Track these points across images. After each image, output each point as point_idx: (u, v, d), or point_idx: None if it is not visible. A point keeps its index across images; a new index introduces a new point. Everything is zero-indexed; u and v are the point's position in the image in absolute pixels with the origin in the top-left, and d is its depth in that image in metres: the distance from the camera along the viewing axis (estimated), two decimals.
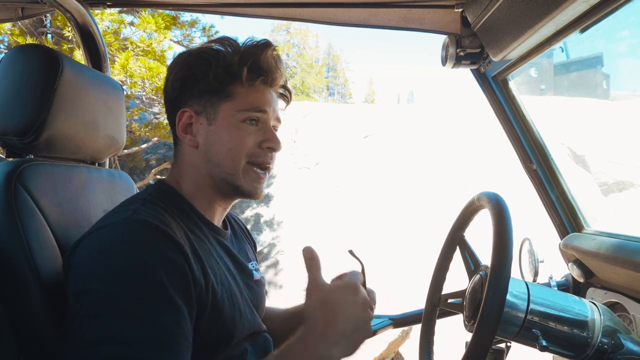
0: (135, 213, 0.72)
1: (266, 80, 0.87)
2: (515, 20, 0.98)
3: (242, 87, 0.85)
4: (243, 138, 0.84)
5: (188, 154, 0.88)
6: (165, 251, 0.69)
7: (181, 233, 0.75)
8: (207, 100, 0.85)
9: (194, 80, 0.85)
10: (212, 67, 0.83)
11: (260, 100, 0.86)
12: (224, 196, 0.90)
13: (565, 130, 8.34)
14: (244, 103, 0.84)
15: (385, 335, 3.67)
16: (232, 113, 0.84)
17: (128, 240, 0.69)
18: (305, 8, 1.29)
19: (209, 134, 0.85)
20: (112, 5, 1.32)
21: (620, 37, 4.51)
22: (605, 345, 0.90)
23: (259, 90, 0.86)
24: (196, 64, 0.85)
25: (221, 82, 0.84)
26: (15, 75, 0.87)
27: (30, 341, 0.75)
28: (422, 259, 5.31)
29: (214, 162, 0.85)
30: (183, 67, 0.86)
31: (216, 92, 0.84)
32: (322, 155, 8.62)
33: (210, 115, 0.85)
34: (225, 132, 0.84)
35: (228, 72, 0.84)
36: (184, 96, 0.86)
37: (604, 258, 1.13)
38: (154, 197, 0.81)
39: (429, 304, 1.15)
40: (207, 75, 0.83)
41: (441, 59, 1.31)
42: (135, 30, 4.95)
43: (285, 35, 33.55)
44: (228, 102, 0.84)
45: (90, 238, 0.72)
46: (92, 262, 0.68)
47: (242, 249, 1.02)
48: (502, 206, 0.86)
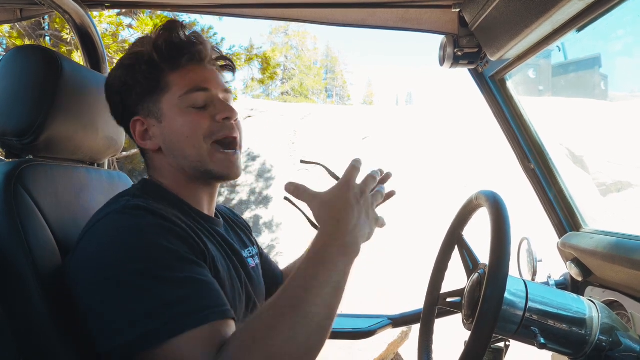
0: (129, 202, 0.74)
1: (192, 57, 0.85)
2: (512, 19, 0.99)
3: (172, 74, 0.84)
4: (195, 122, 0.82)
5: (156, 158, 0.88)
6: (168, 226, 0.71)
7: (177, 218, 0.76)
8: (148, 100, 0.84)
9: (128, 89, 0.85)
10: (137, 68, 0.83)
11: (196, 80, 0.84)
12: (203, 183, 0.89)
13: (564, 131, 8.36)
14: (181, 88, 0.83)
15: (384, 336, 3.67)
16: (174, 102, 0.83)
17: (133, 220, 0.70)
18: (303, 9, 1.30)
19: (163, 132, 0.84)
20: (110, 7, 1.32)
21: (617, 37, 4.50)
22: (604, 342, 0.90)
23: (191, 70, 0.84)
24: (123, 74, 0.84)
25: (150, 78, 0.83)
26: (14, 77, 0.87)
27: (30, 341, 0.75)
28: (421, 258, 5.31)
29: (179, 156, 0.84)
30: (114, 83, 0.86)
31: (150, 89, 0.84)
32: (320, 156, 8.62)
33: (157, 114, 0.84)
34: (175, 122, 0.83)
35: (151, 65, 0.83)
36: (128, 107, 0.86)
37: (601, 256, 1.13)
38: (142, 192, 0.83)
39: (427, 303, 1.16)
40: (136, 78, 0.83)
41: (439, 59, 1.32)
42: (134, 33, 4.95)
43: (283, 37, 33.59)
44: (167, 94, 0.83)
45: (94, 231, 0.72)
46: (106, 248, 0.69)
47: (237, 237, 1.02)
48: (500, 205, 0.87)
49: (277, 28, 33.08)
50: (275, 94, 31.89)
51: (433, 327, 1.14)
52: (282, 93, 32.03)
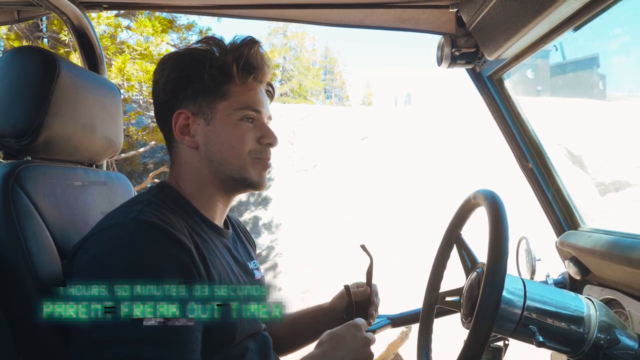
0: (140, 214, 0.73)
1: (257, 77, 0.88)
2: (510, 19, 0.99)
3: (235, 86, 0.86)
4: (243, 135, 0.86)
5: (187, 155, 0.88)
6: (171, 251, 0.70)
7: (185, 233, 0.76)
8: (203, 100, 0.85)
9: (188, 81, 0.84)
10: (206, 67, 0.83)
11: (254, 99, 0.87)
12: (226, 192, 0.91)
13: (562, 131, 8.38)
14: (240, 102, 0.86)
15: (384, 336, 3.67)
16: (228, 112, 0.85)
17: (136, 240, 0.69)
18: (301, 9, 1.30)
19: (208, 134, 0.85)
20: (108, 8, 1.32)
21: (614, 36, 4.51)
22: (602, 340, 0.90)
23: (252, 89, 0.87)
24: (189, 65, 0.85)
25: (216, 81, 0.84)
26: (12, 78, 0.87)
27: (29, 342, 0.75)
28: (420, 258, 5.31)
29: (216, 161, 0.86)
30: (174, 68, 0.85)
31: (211, 92, 0.85)
32: (319, 157, 8.63)
33: (208, 116, 0.85)
34: (224, 131, 0.85)
35: (222, 71, 0.84)
36: (178, 98, 0.86)
37: (599, 255, 1.13)
38: (158, 199, 0.82)
39: (426, 302, 1.16)
40: (202, 76, 0.83)
41: (437, 59, 1.32)
42: (132, 34, 4.95)
43: (282, 38, 33.60)
44: (224, 102, 0.85)
45: (96, 238, 0.72)
46: (99, 261, 0.69)
47: (243, 249, 1.02)
48: (498, 203, 0.87)
49: (276, 29, 33.09)
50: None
51: (432, 326, 1.14)
52: (281, 94, 32.04)
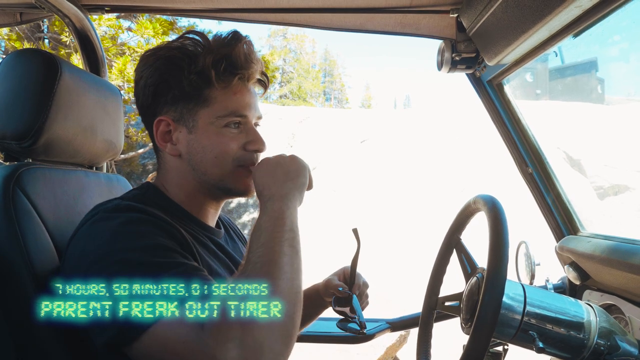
0: (121, 203, 0.74)
1: (243, 77, 0.82)
2: (510, 25, 0.99)
3: (217, 90, 0.80)
4: (227, 144, 0.82)
5: (171, 162, 0.85)
6: (163, 225, 0.71)
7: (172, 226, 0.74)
8: (184, 107, 0.81)
9: (166, 87, 0.80)
10: (185, 73, 0.79)
11: (239, 104, 0.82)
12: (214, 198, 0.89)
13: (561, 135, 8.39)
14: (223, 108, 0.81)
15: (382, 340, 3.66)
16: (211, 120, 0.81)
17: (121, 218, 0.69)
18: (302, 13, 1.31)
19: (190, 143, 0.82)
20: (110, 11, 1.32)
21: (613, 41, 4.52)
22: (602, 346, 0.90)
23: (237, 92, 0.82)
24: (167, 70, 0.80)
25: (196, 87, 0.79)
26: (13, 80, 0.87)
27: (28, 342, 0.75)
28: (420, 262, 5.31)
29: (200, 170, 0.83)
30: (153, 72, 0.81)
31: (192, 98, 0.80)
32: (319, 160, 8.63)
33: (190, 124, 0.81)
34: (207, 139, 0.81)
35: (202, 76, 0.79)
36: (158, 103, 0.82)
37: (599, 260, 1.13)
38: (143, 197, 0.82)
39: (426, 307, 1.16)
40: (181, 82, 0.79)
41: (437, 64, 1.33)
42: (133, 36, 4.96)
43: (282, 40, 33.67)
44: (206, 108, 0.81)
45: (86, 227, 0.72)
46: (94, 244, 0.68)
47: (237, 248, 1.01)
48: (498, 208, 0.87)
49: (276, 31, 33.18)
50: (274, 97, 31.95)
51: (431, 331, 1.14)
52: (281, 96, 32.09)
